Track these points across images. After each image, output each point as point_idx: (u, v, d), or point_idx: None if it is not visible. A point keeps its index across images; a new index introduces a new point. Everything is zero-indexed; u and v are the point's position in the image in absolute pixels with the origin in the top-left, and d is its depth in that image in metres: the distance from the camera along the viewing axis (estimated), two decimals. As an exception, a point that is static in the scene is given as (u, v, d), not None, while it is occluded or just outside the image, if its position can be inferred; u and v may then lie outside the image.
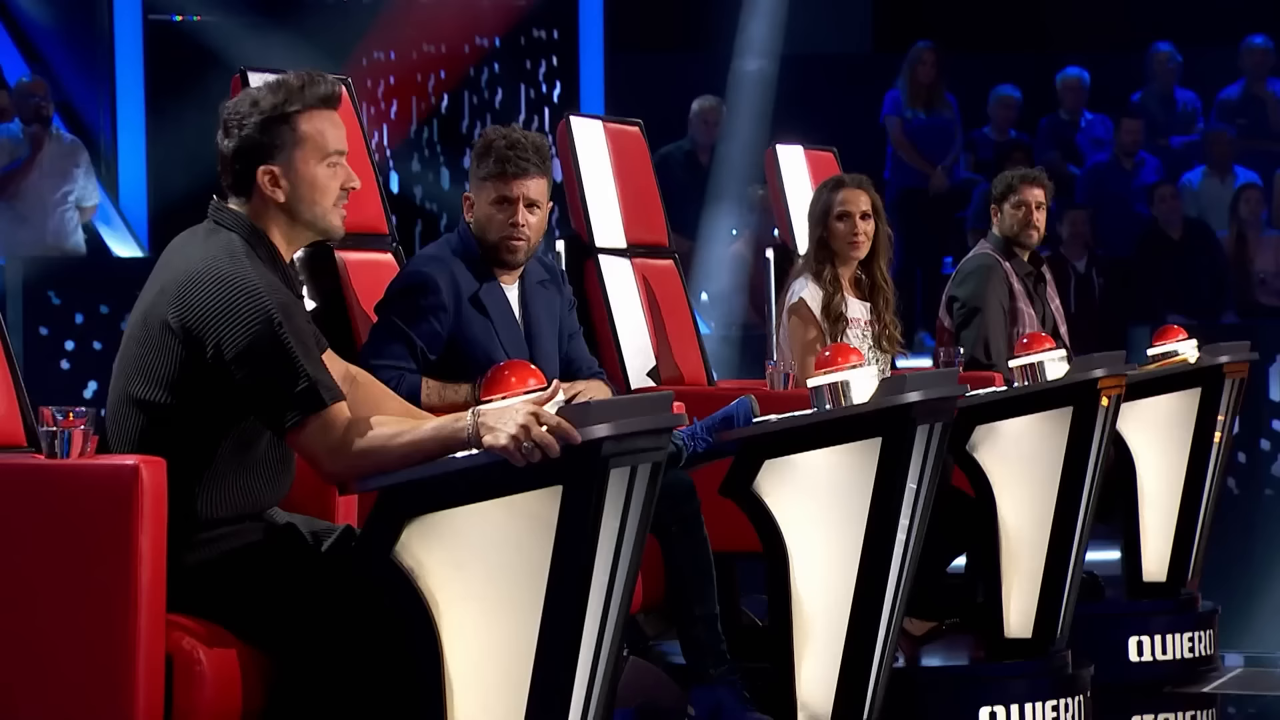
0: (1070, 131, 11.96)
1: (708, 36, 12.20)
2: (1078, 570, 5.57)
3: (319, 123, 3.61)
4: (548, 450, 3.29)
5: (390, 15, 11.83)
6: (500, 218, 4.77)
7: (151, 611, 3.39)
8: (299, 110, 3.59)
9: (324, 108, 3.62)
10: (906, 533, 4.66)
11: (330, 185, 3.61)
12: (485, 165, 4.78)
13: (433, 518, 3.41)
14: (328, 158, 3.61)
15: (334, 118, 3.63)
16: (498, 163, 4.76)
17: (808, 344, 5.99)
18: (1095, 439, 5.49)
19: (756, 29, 11.89)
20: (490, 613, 3.41)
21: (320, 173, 3.61)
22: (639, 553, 3.58)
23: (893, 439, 4.57)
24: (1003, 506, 5.48)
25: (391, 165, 11.84)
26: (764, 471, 4.62)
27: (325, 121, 3.61)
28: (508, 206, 4.77)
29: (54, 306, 9.09)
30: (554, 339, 4.95)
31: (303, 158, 3.59)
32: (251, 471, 3.60)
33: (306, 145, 3.59)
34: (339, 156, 3.62)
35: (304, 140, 3.59)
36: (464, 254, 4.84)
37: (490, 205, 4.78)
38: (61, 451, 3.44)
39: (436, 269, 4.78)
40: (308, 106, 3.60)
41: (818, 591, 4.63)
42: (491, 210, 4.78)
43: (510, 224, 4.77)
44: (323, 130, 3.61)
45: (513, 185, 4.76)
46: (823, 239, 6.09)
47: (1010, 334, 6.74)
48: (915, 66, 11.46)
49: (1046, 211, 6.92)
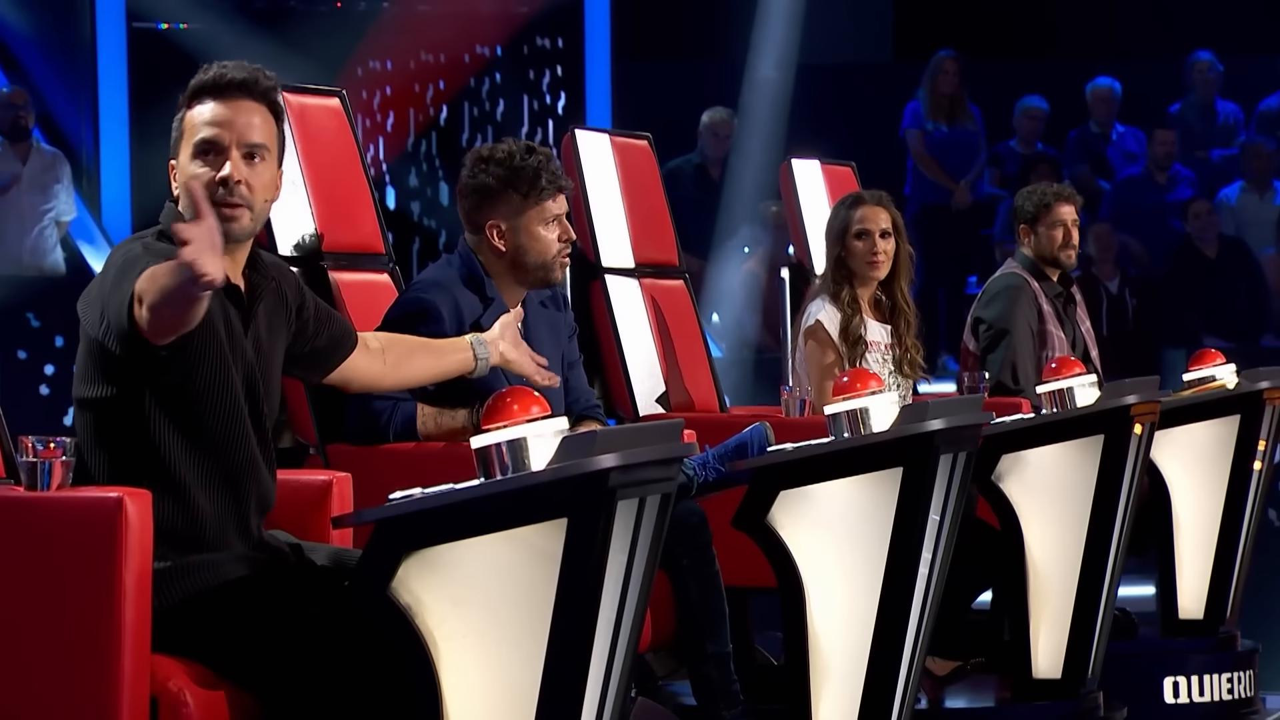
0: (1101, 145, 11.97)
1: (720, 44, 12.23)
2: (1109, 607, 5.57)
3: (194, 114, 3.67)
4: None
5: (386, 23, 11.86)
6: (551, 237, 4.85)
7: (136, 651, 3.40)
8: (188, 104, 3.67)
9: (209, 98, 3.66)
10: (929, 567, 4.66)
11: (194, 176, 3.63)
12: (535, 187, 4.81)
13: (431, 552, 3.42)
14: (195, 148, 3.65)
15: (220, 106, 3.65)
16: (552, 180, 4.82)
17: (825, 368, 5.99)
18: (1128, 469, 5.49)
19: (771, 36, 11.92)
20: (491, 651, 3.41)
21: (191, 165, 3.64)
22: (648, 588, 3.58)
23: (914, 469, 4.57)
24: (1030, 540, 5.48)
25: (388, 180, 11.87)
26: (779, 503, 4.62)
27: (202, 111, 3.66)
28: (557, 225, 4.86)
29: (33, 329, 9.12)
30: (557, 364, 4.96)
31: (185, 151, 3.66)
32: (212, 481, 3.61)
33: (184, 139, 3.67)
34: (208, 146, 3.64)
35: (183, 134, 3.67)
36: (468, 278, 4.86)
37: (541, 226, 4.84)
38: (42, 483, 3.45)
39: (439, 295, 4.79)
40: (191, 98, 3.68)
41: (836, 629, 4.63)
42: (543, 231, 4.84)
43: (565, 239, 4.86)
44: (195, 122, 3.65)
45: (560, 201, 4.87)
46: (840, 258, 6.11)
47: (1039, 358, 6.75)
48: (937, 76, 11.48)
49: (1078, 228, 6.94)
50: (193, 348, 3.56)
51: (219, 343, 3.61)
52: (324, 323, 3.97)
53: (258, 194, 3.67)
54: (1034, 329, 6.81)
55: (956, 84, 11.50)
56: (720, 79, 11.84)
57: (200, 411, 3.59)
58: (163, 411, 3.57)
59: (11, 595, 3.42)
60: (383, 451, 4.72)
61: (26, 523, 3.44)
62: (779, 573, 4.65)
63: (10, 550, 3.43)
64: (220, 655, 3.54)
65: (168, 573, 3.56)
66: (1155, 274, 11.39)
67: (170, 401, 3.57)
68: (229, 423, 3.62)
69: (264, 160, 3.68)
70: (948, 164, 11.54)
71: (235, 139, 3.65)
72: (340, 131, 5.25)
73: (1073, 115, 12.04)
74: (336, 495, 3.98)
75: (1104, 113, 11.95)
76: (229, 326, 3.64)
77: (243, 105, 3.67)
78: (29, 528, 3.43)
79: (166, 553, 3.56)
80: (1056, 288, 6.93)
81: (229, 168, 3.63)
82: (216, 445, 3.62)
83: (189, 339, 3.53)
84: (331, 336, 4.00)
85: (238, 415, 3.63)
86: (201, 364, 3.58)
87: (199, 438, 3.60)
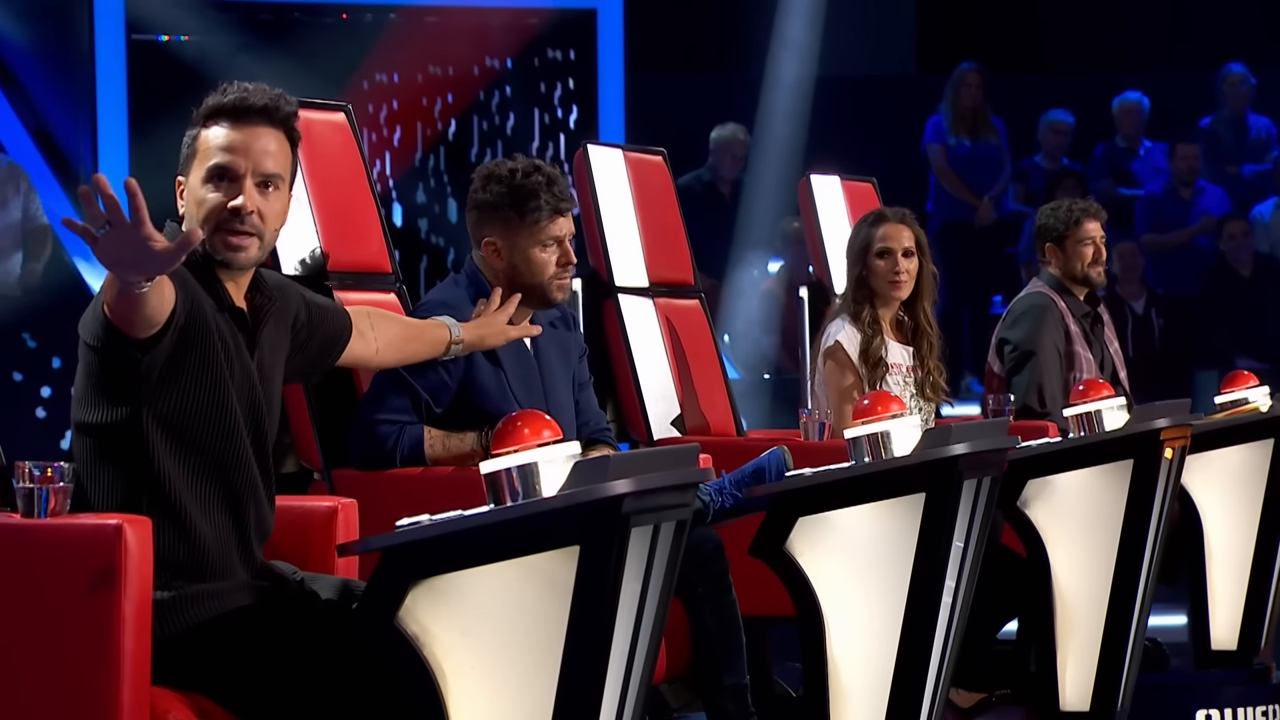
0: (1127, 159, 11.97)
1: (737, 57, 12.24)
2: (1140, 637, 5.56)
3: (210, 136, 3.67)
4: None
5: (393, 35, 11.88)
6: (547, 259, 4.86)
7: (135, 683, 3.40)
8: (203, 123, 3.67)
9: (225, 120, 3.66)
10: (952, 596, 4.66)
11: (205, 201, 3.65)
12: (531, 207, 4.83)
13: (439, 580, 3.42)
14: (209, 172, 3.65)
15: (238, 132, 3.66)
16: (550, 201, 4.82)
17: (845, 391, 6.00)
18: (1158, 494, 5.48)
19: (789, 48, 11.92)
20: (501, 683, 3.41)
21: (202, 189, 3.65)
22: (662, 618, 3.58)
23: (937, 494, 4.57)
24: (1057, 567, 5.48)
25: (395, 197, 11.88)
26: (797, 529, 4.62)
27: (219, 135, 3.66)
28: (556, 247, 4.87)
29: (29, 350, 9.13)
30: (568, 385, 4.97)
31: (195, 171, 3.67)
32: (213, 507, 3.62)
33: (196, 159, 3.67)
34: (222, 171, 3.65)
35: (196, 154, 3.67)
36: (475, 297, 4.87)
37: (537, 248, 4.85)
38: (39, 510, 3.45)
39: (450, 315, 4.80)
40: (207, 118, 3.67)
41: (856, 659, 4.63)
42: (541, 253, 4.84)
43: (564, 263, 4.86)
44: (210, 144, 3.66)
45: (561, 223, 4.88)
46: (861, 277, 6.11)
47: (1066, 380, 6.74)
48: (959, 89, 11.48)
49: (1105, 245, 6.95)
50: (188, 372, 3.57)
51: (218, 366, 3.62)
52: (318, 325, 3.97)
53: (269, 223, 3.68)
54: (1061, 350, 6.81)
55: (980, 97, 11.50)
56: (737, 92, 11.85)
57: (199, 435, 3.60)
58: (162, 435, 3.57)
59: (7, 626, 3.43)
60: (389, 477, 4.73)
61: (22, 551, 3.44)
62: (797, 602, 4.64)
63: (6, 579, 3.43)
64: (224, 687, 3.55)
65: (169, 602, 3.56)
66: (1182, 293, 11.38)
67: (169, 425, 3.57)
68: (229, 446, 3.63)
69: (277, 189, 3.70)
70: (971, 179, 11.54)
71: (251, 167, 3.66)
72: (346, 146, 5.26)
73: (1099, 129, 12.04)
74: (342, 522, 3.98)
75: (1131, 126, 11.95)
76: (231, 350, 3.65)
77: (260, 132, 3.68)
78: (25, 556, 3.44)
79: (169, 581, 3.56)
80: (1084, 307, 6.92)
81: (243, 198, 3.65)
82: (217, 469, 3.63)
83: (184, 361, 3.54)
84: (327, 336, 4.01)
85: (237, 439, 3.64)
86: (199, 387, 3.59)
87: (199, 462, 3.61)
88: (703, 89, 12.16)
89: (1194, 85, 12.08)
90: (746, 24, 12.15)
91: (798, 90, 11.87)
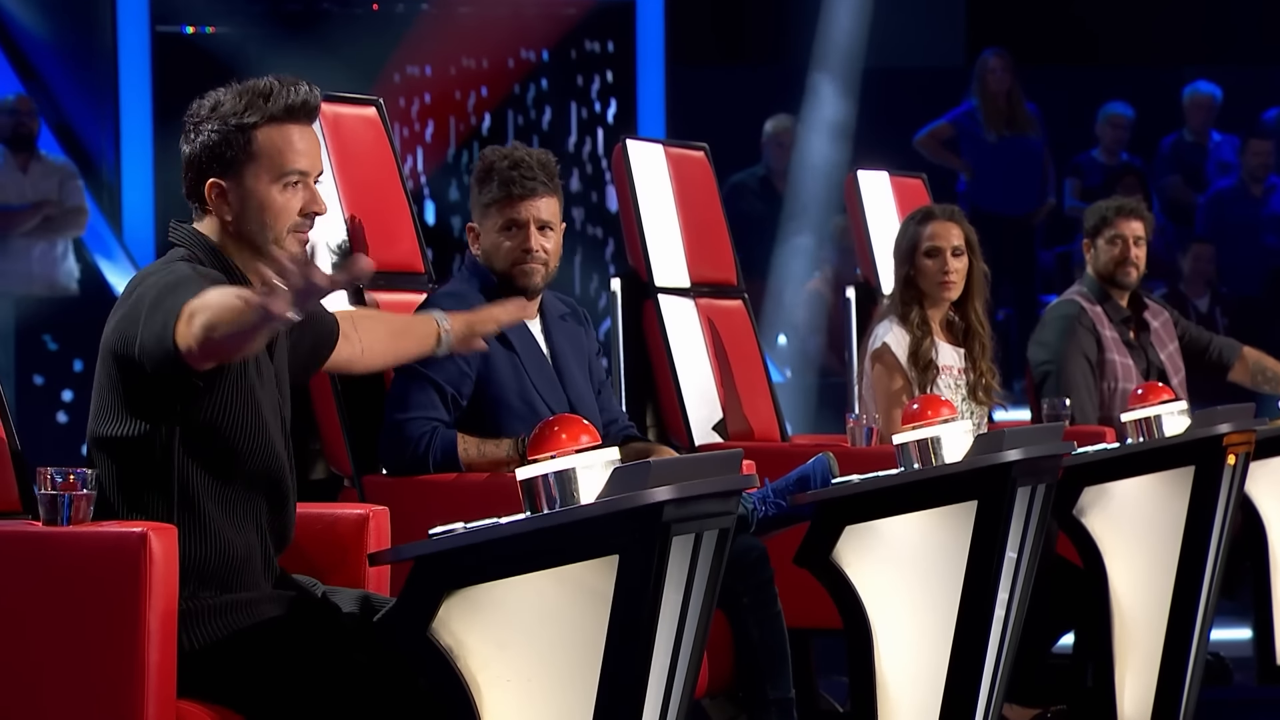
0: (1196, 155, 11.92)
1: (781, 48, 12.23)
2: (1201, 652, 5.54)
3: (278, 137, 3.65)
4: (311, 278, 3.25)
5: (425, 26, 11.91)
6: (510, 244, 4.86)
7: (161, 695, 3.42)
8: (257, 122, 3.64)
9: (289, 120, 3.66)
10: (1006, 608, 4.65)
11: (285, 208, 3.65)
12: (488, 190, 4.87)
13: (474, 591, 3.43)
14: (284, 177, 3.65)
15: (300, 132, 3.67)
16: (502, 185, 4.84)
17: (893, 395, 5.99)
18: (1220, 503, 5.47)
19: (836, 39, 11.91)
20: (538, 697, 3.42)
21: (272, 193, 3.65)
22: (705, 629, 3.59)
23: (990, 502, 4.56)
24: (1115, 578, 5.47)
25: (427, 194, 11.91)
26: (844, 538, 4.63)
27: (286, 136, 3.66)
28: (518, 231, 4.85)
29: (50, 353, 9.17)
30: (584, 375, 5.00)
31: (254, 174, 3.64)
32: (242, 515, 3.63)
33: (260, 161, 3.64)
34: (299, 176, 3.66)
35: (258, 155, 3.64)
36: (482, 288, 4.90)
37: (497, 232, 4.86)
38: (62, 518, 3.47)
39: (457, 307, 4.81)
40: (270, 118, 3.65)
41: (906, 673, 4.63)
42: (499, 238, 4.86)
43: (523, 250, 4.84)
44: (280, 146, 3.65)
45: (520, 207, 4.85)
46: (910, 277, 6.10)
47: (1100, 390, 6.71)
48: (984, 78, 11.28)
49: (1148, 247, 6.88)
50: (227, 383, 3.58)
51: (249, 371, 3.63)
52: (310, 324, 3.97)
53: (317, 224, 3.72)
54: (1092, 359, 6.77)
55: (1009, 80, 11.29)
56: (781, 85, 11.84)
57: (232, 443, 3.60)
58: (193, 448, 3.57)
59: (30, 636, 3.44)
60: (422, 483, 4.74)
61: (45, 559, 3.46)
62: (844, 613, 4.64)
63: (29, 589, 3.45)
64: (251, 699, 3.56)
65: (195, 612, 3.58)
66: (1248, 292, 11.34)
67: (203, 434, 3.58)
68: (260, 452, 3.64)
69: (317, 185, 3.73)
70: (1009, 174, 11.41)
71: (312, 168, 3.69)
72: (377, 142, 5.27)
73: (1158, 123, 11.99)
74: (373, 530, 3.99)
75: (1200, 120, 11.88)
76: (257, 360, 3.67)
77: (309, 131, 3.71)
78: (48, 565, 3.45)
79: (195, 591, 3.58)
80: (1124, 311, 6.88)
81: (319, 201, 3.68)
82: (247, 476, 3.64)
83: (223, 372, 3.55)
84: (318, 336, 4.02)
85: (267, 444, 3.65)
86: (234, 394, 3.60)
87: (230, 469, 3.62)
88: (746, 82, 12.15)
89: (1262, 77, 12.03)
90: (791, 15, 12.14)
91: (845, 83, 11.85)
